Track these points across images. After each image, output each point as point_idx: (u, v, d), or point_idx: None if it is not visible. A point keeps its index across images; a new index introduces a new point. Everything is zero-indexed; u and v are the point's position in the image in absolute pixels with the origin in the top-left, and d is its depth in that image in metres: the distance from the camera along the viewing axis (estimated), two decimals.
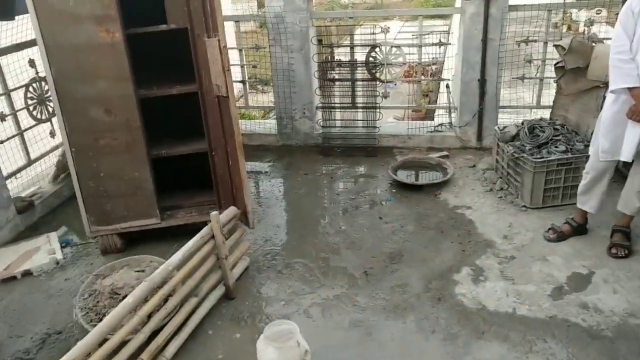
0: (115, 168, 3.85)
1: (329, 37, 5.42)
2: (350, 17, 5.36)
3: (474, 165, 5.14)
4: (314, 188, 4.99)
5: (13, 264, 3.93)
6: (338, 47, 5.49)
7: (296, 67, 5.49)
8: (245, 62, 5.77)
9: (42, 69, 3.75)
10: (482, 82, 5.16)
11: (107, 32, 3.54)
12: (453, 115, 5.63)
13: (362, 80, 5.57)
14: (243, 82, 5.92)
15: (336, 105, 5.70)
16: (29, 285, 3.78)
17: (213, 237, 3.36)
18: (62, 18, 3.47)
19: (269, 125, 5.98)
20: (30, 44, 4.49)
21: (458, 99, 5.41)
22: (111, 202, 3.93)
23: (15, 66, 4.53)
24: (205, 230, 3.32)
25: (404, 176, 5.00)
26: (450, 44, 5.42)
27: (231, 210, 3.65)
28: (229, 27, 5.58)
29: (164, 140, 4.20)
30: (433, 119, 6.18)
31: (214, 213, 3.34)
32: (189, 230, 3.48)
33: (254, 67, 5.82)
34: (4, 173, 4.45)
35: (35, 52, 4.00)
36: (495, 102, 5.25)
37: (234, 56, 5.64)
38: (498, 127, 4.80)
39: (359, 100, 5.68)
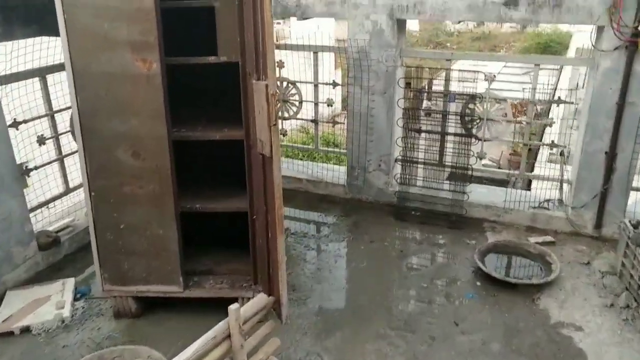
0: (138, 221, 3.22)
1: (420, 80, 4.53)
2: (447, 59, 4.45)
3: (588, 262, 3.98)
4: (379, 263, 4.08)
5: (15, 315, 3.41)
6: (429, 93, 4.58)
7: (377, 111, 4.65)
8: (320, 100, 5.03)
9: None
10: (611, 155, 4.01)
11: (144, 61, 2.94)
12: (565, 190, 4.50)
13: (455, 134, 4.60)
14: (315, 121, 5.18)
15: (419, 160, 4.77)
16: (24, 346, 3.22)
17: (229, 336, 2.58)
18: (95, 42, 2.92)
19: (338, 173, 5.18)
20: None
21: (575, 172, 4.28)
22: (129, 260, 3.30)
23: (64, 85, 4.09)
24: (219, 328, 2.54)
25: (493, 265, 3.96)
26: (572, 103, 4.32)
27: (259, 300, 2.84)
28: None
29: (199, 189, 3.55)
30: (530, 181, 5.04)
31: (233, 307, 2.54)
32: (219, 300, 2.96)
33: (329, 105, 5.05)
34: (35, 202, 4.02)
35: None
36: (626, 183, 4.07)
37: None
38: (629, 221, 3.64)
39: (448, 158, 4.71)
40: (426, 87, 4.85)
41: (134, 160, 3.11)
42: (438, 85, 4.70)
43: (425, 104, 4.70)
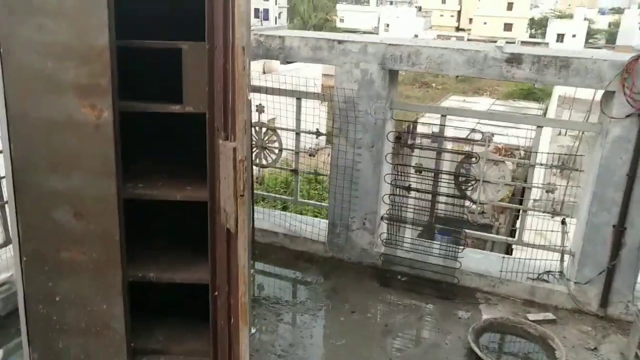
0: (77, 293, 2.71)
1: (412, 135, 4.16)
2: (443, 115, 4.09)
3: (595, 348, 3.55)
4: (360, 340, 3.59)
5: None
6: (422, 149, 4.20)
7: (363, 166, 4.25)
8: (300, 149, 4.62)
9: None
10: (620, 230, 3.64)
11: (93, 108, 2.49)
12: (566, 262, 4.10)
13: (447, 195, 4.21)
14: (295, 171, 4.75)
15: (408, 220, 4.35)
16: None
17: None
18: (36, 83, 2.47)
19: (318, 228, 4.72)
20: None
21: (579, 243, 3.89)
22: (65, 339, 2.77)
23: None
24: None
25: (488, 348, 3.50)
26: (578, 169, 3.96)
27: None
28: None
29: (156, 253, 3.07)
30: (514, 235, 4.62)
31: None
32: None
33: (311, 155, 4.64)
34: None
35: None
36: (635, 259, 3.69)
37: None
38: None
39: (440, 220, 4.31)
40: (411, 135, 4.41)
41: (76, 222, 2.61)
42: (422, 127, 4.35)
43: (416, 160, 4.32)
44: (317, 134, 4.51)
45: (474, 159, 4.01)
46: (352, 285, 4.27)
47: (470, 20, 59.57)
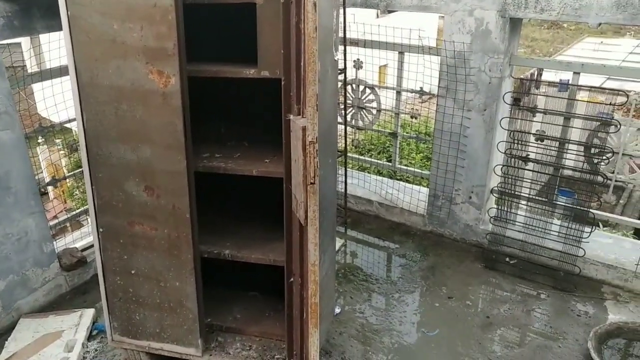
0: (151, 268, 2.62)
1: (533, 97, 3.48)
2: (576, 72, 3.34)
3: None
4: (454, 332, 3.20)
5: (19, 354, 2.98)
6: (545, 113, 3.51)
7: (472, 132, 3.68)
8: (401, 109, 4.13)
9: None
10: None
11: (160, 74, 2.26)
12: None
13: (575, 170, 3.53)
14: (394, 134, 4.29)
15: (522, 196, 3.75)
16: None
17: None
18: (103, 47, 2.29)
19: (417, 199, 4.27)
20: None
21: None
22: (141, 312, 2.72)
23: None
24: None
25: None
26: None
27: None
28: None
29: (231, 227, 2.90)
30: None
31: None
32: None
33: (413, 117, 4.14)
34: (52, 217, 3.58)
35: None
36: None
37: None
38: None
39: (562, 199, 3.65)
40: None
41: (147, 196, 2.47)
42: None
43: (537, 126, 3.64)
44: (421, 92, 3.98)
45: (613, 127, 3.27)
46: (452, 265, 3.83)
47: None
